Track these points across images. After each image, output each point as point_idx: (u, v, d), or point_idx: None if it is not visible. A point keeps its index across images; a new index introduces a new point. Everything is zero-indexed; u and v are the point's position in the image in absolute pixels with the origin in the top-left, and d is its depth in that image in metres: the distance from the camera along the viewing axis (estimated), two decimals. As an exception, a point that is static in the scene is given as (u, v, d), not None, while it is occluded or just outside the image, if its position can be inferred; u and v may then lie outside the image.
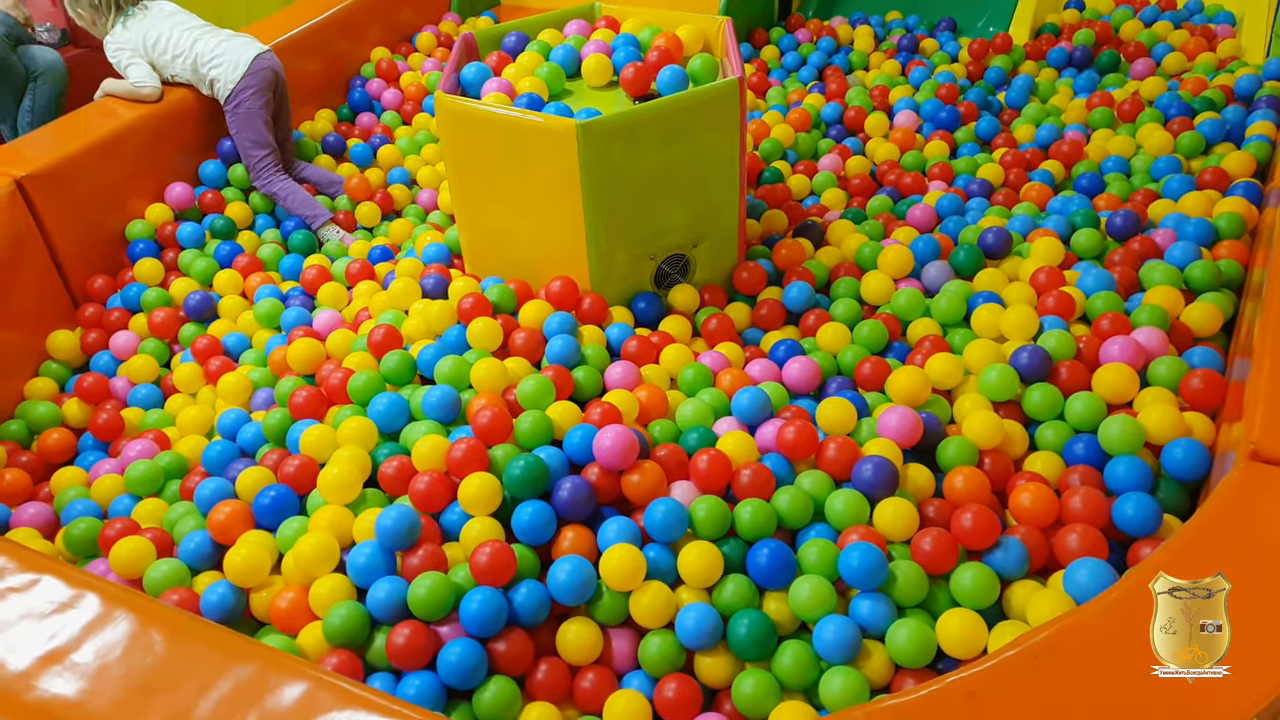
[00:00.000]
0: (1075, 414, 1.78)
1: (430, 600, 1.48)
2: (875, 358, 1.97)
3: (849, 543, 1.54)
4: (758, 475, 1.64)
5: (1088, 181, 2.57)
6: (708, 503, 1.60)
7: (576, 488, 1.62)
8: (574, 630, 1.50)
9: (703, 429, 1.78)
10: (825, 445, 1.71)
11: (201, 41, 2.68)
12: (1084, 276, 2.12)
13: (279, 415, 1.93)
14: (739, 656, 1.48)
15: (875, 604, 1.49)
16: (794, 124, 2.99)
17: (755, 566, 1.53)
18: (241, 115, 2.71)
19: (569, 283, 2.08)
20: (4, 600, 1.34)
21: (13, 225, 2.30)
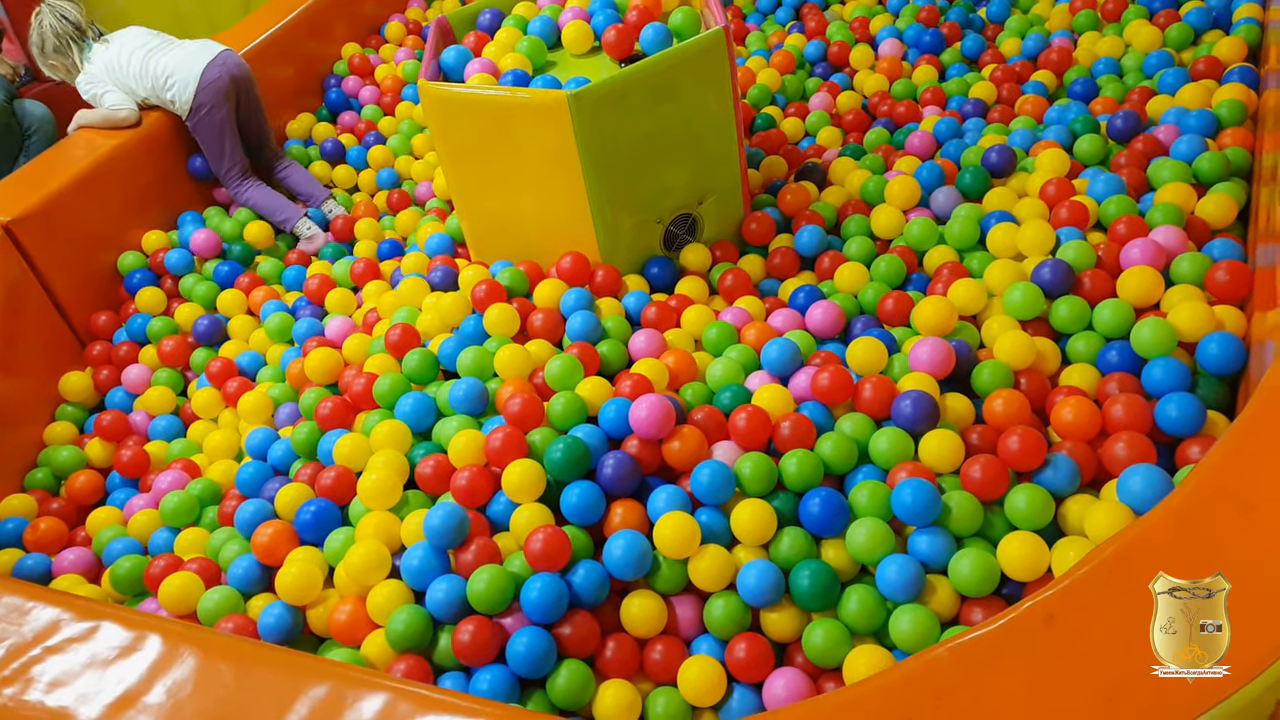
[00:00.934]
0: (1104, 322, 1.76)
1: (490, 594, 1.48)
2: (896, 292, 1.94)
3: (899, 481, 1.52)
4: (798, 426, 1.63)
5: (1081, 87, 2.53)
6: (752, 460, 1.58)
7: (620, 463, 1.60)
8: (637, 604, 1.49)
9: (735, 386, 1.76)
10: (860, 387, 1.69)
11: (155, 60, 2.61)
12: (1093, 183, 2.09)
13: (307, 429, 1.92)
14: (804, 608, 1.47)
15: (933, 538, 1.48)
16: (778, 67, 2.93)
17: (808, 516, 1.52)
18: (202, 131, 2.65)
19: (579, 257, 2.05)
20: (66, 651, 1.33)
21: (6, 271, 2.27)
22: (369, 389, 1.90)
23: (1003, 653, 1.09)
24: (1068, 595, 1.12)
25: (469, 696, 1.25)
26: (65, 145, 2.60)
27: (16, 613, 1.38)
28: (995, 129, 2.45)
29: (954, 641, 1.11)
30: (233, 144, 2.69)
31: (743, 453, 1.63)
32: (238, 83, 2.67)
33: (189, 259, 2.60)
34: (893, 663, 1.36)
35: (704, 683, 1.40)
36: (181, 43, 2.67)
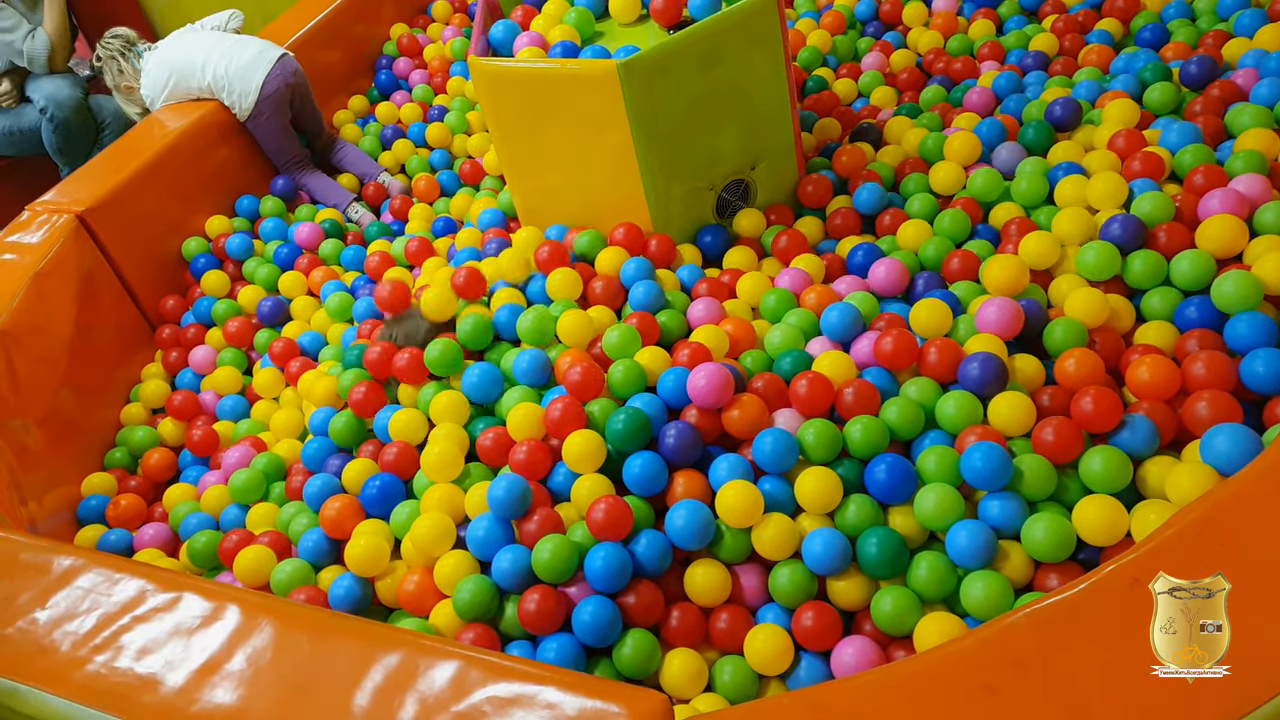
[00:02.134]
0: (1182, 276, 1.70)
1: (554, 563, 1.48)
2: (962, 251, 1.89)
3: (967, 445, 1.49)
4: (861, 392, 1.60)
5: (1150, 34, 2.43)
6: (815, 427, 1.56)
7: (681, 433, 1.60)
8: (701, 573, 1.49)
9: (796, 352, 1.74)
10: (925, 350, 1.66)
11: (213, 64, 2.67)
12: (1166, 133, 2.01)
13: (346, 415, 1.94)
14: (872, 575, 1.46)
15: (1004, 503, 1.45)
16: (829, 28, 2.87)
17: (875, 483, 1.50)
18: (260, 132, 2.76)
19: (632, 228, 2.04)
20: (152, 620, 1.38)
21: (81, 260, 2.33)
22: (415, 362, 1.89)
23: (1085, 619, 1.06)
24: (1153, 559, 1.09)
25: (538, 664, 1.26)
26: (131, 136, 2.66)
27: (106, 583, 1.44)
28: (1058, 82, 2.36)
29: (1033, 606, 1.09)
30: (289, 139, 2.78)
31: (804, 420, 1.61)
32: (294, 89, 2.75)
33: (249, 243, 2.65)
34: (965, 630, 1.33)
35: (771, 651, 1.40)
36: (237, 45, 2.72)
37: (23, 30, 2.96)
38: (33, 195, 2.46)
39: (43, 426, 2.11)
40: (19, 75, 3.07)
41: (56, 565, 1.50)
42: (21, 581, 1.49)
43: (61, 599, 1.44)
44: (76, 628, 1.39)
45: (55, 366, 2.18)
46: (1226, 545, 1.07)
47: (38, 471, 2.05)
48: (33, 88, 3.04)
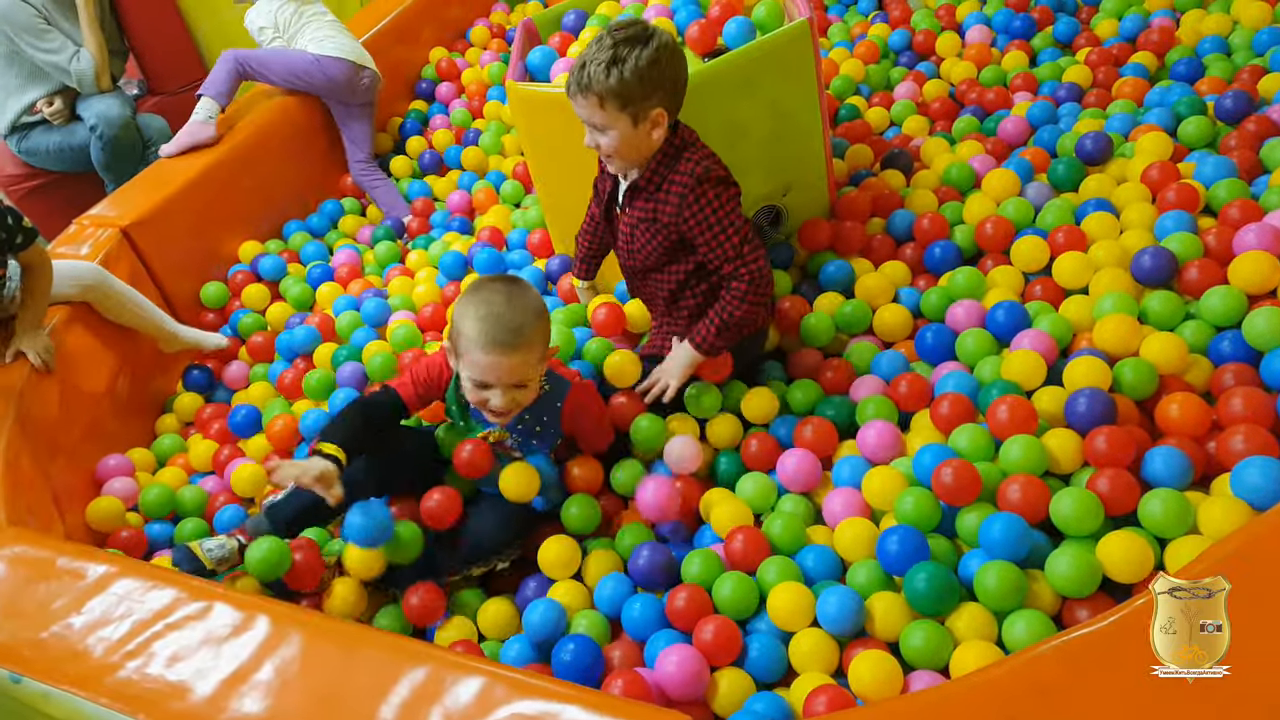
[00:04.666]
0: (1213, 311, 1.69)
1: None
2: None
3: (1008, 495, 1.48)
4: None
5: (1185, 68, 2.43)
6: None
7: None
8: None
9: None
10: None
11: (316, 32, 2.88)
12: (1201, 166, 2.01)
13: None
14: (920, 611, 1.43)
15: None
16: (862, 57, 2.89)
17: (885, 554, 1.49)
18: (365, 116, 2.98)
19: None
20: (184, 628, 1.40)
21: (125, 272, 2.39)
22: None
23: (1113, 651, 1.05)
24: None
25: (562, 682, 1.27)
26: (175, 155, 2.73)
27: (139, 590, 1.46)
28: (1092, 114, 2.37)
29: (1060, 638, 1.08)
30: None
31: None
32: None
33: (281, 263, 2.70)
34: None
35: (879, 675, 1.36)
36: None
37: (68, 52, 3.05)
38: (79, 209, 2.53)
39: (82, 435, 2.15)
40: (70, 95, 3.16)
41: (91, 572, 1.53)
42: (58, 586, 1.52)
43: (96, 605, 1.47)
44: (109, 634, 1.42)
45: (96, 377, 2.23)
46: (1262, 579, 1.06)
47: (74, 479, 2.09)
48: (84, 106, 3.13)
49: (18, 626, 1.46)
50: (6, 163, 3.27)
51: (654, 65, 1.56)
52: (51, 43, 3.04)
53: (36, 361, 2.06)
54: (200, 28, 3.52)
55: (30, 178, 3.25)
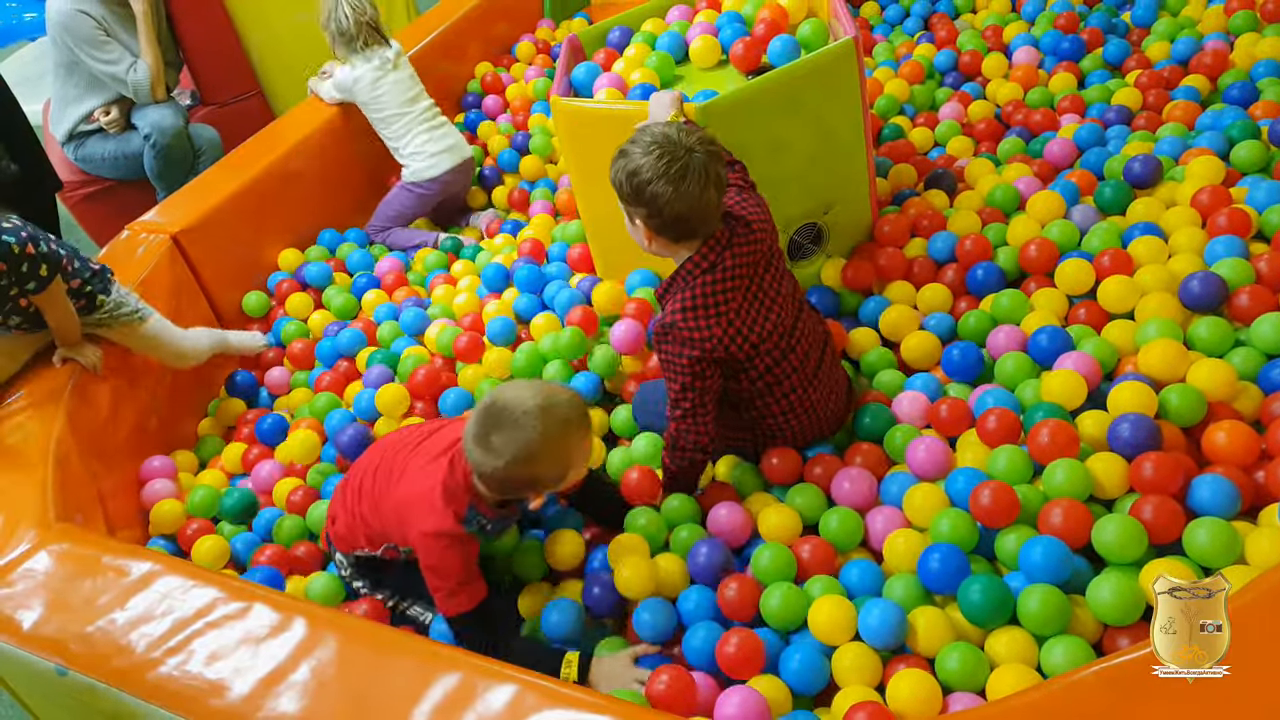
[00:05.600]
0: (1263, 338, 1.66)
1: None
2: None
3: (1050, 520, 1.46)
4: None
5: (1239, 91, 2.39)
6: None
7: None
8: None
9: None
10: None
11: (408, 134, 2.82)
12: (1253, 191, 1.98)
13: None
14: (975, 623, 1.43)
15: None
16: (907, 77, 2.88)
17: (926, 571, 1.49)
18: (398, 201, 2.89)
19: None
20: (223, 627, 1.43)
21: (174, 278, 2.45)
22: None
23: (1156, 679, 1.03)
24: (1232, 624, 1.05)
25: (594, 693, 1.27)
26: (226, 164, 2.79)
27: (181, 589, 1.50)
28: (1141, 136, 2.34)
29: (1103, 664, 1.07)
30: (405, 220, 2.92)
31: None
32: (461, 183, 2.96)
33: (327, 271, 2.74)
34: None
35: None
36: (440, 128, 2.86)
37: (126, 63, 3.13)
38: (131, 215, 2.59)
39: (128, 436, 2.20)
40: (125, 104, 3.25)
41: (136, 569, 1.56)
42: (102, 583, 1.55)
43: (139, 601, 1.50)
44: (152, 630, 1.45)
45: (144, 379, 2.28)
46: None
47: (120, 479, 2.14)
48: (138, 116, 3.21)
49: (64, 620, 1.50)
50: (63, 169, 3.36)
51: (634, 176, 1.54)
52: (110, 54, 3.13)
53: (87, 363, 2.11)
54: (253, 41, 3.59)
55: (85, 184, 3.34)
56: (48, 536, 1.66)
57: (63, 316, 2.06)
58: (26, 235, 1.93)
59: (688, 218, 1.55)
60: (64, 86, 3.22)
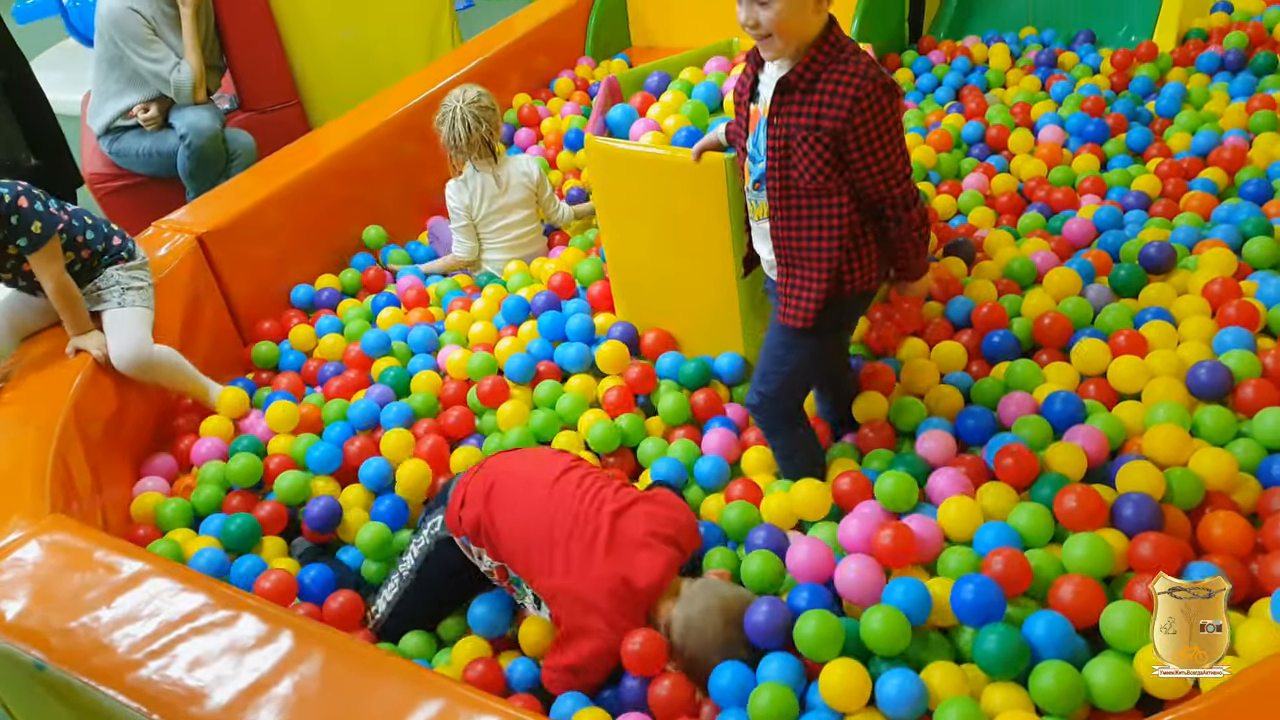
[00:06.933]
0: (1265, 432, 1.67)
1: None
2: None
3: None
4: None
5: (1255, 188, 2.42)
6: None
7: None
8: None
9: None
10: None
11: (489, 244, 2.80)
12: (1263, 286, 2.00)
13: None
14: (989, 673, 1.42)
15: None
16: (934, 145, 2.92)
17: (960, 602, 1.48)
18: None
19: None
20: (209, 634, 1.42)
21: (195, 277, 2.48)
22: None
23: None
24: (1218, 713, 1.05)
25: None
26: (258, 170, 2.83)
27: (170, 592, 1.49)
28: (1158, 223, 2.36)
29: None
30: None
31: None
32: None
33: (337, 295, 2.79)
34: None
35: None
36: (519, 248, 2.81)
37: (170, 63, 3.20)
38: (159, 213, 2.63)
39: (132, 433, 2.21)
40: (165, 103, 3.31)
41: (126, 567, 1.56)
42: (92, 578, 1.55)
43: (126, 601, 1.50)
44: (136, 631, 1.44)
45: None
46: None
47: (120, 475, 2.14)
48: (176, 115, 3.27)
49: (49, 613, 1.49)
50: (96, 161, 3.41)
51: None
52: (156, 53, 3.19)
53: (98, 354, 2.13)
54: (297, 53, 3.66)
55: (116, 178, 3.39)
56: (41, 527, 1.66)
57: (57, 288, 2.08)
58: (21, 190, 1.97)
59: None
60: (105, 81, 3.28)
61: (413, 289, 2.72)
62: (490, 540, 1.64)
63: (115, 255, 2.23)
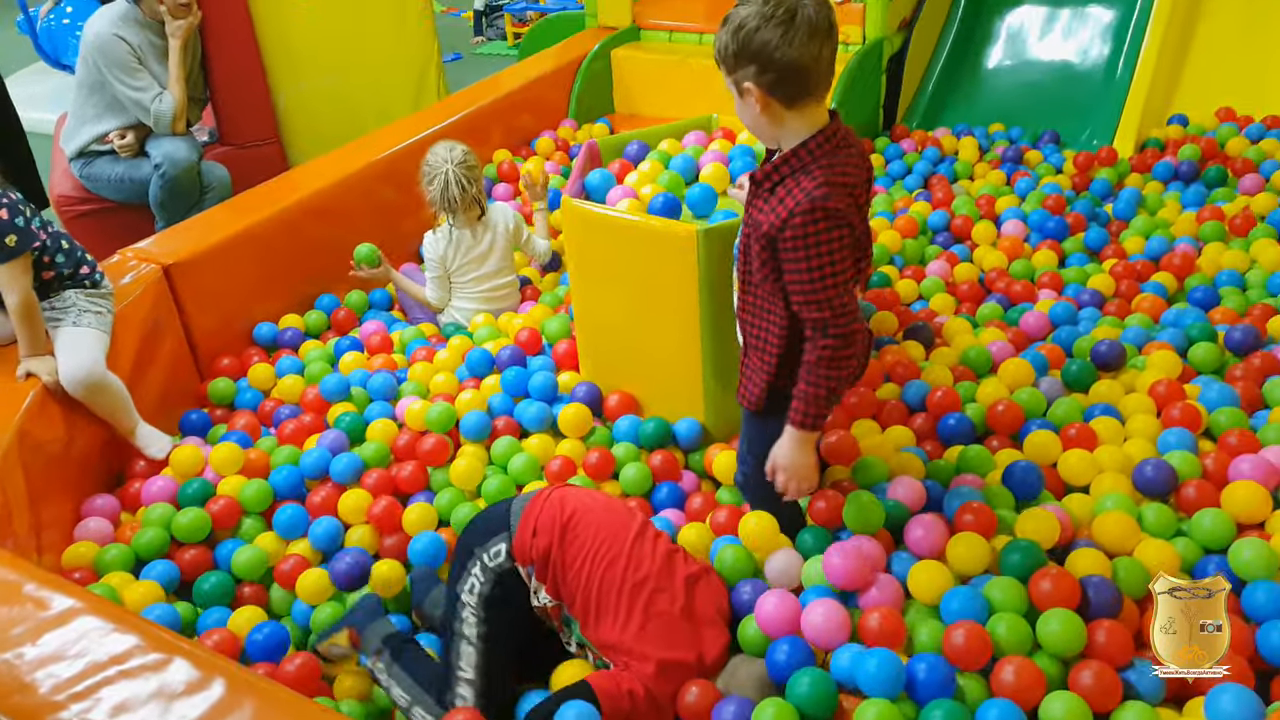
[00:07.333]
0: (1203, 532, 1.71)
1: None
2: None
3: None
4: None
5: (1202, 295, 2.51)
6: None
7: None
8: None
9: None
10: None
11: (462, 294, 2.82)
12: (1206, 390, 2.07)
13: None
14: None
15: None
16: (901, 230, 3.00)
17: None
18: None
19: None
20: (137, 678, 1.37)
21: (156, 306, 2.46)
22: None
23: None
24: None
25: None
26: (232, 205, 2.83)
27: (100, 631, 1.44)
28: (1110, 322, 2.44)
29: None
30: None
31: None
32: None
33: (303, 335, 2.78)
34: None
35: None
36: (493, 301, 2.82)
37: (153, 92, 3.21)
38: (124, 240, 2.61)
39: (77, 466, 2.16)
40: (143, 131, 3.31)
41: (57, 604, 1.50)
42: (19, 612, 1.48)
43: (53, 639, 1.43)
44: (60, 670, 1.38)
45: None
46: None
47: (61, 509, 2.09)
48: (153, 144, 3.26)
49: (-30, 647, 1.43)
50: (67, 184, 3.39)
51: (739, 31, 1.45)
52: (139, 81, 3.20)
53: (48, 380, 2.09)
54: (282, 93, 3.69)
55: (84, 201, 3.36)
56: (-29, 556, 1.60)
57: (21, 303, 2.05)
58: (5, 202, 1.97)
59: (800, 68, 1.44)
60: (84, 105, 3.28)
61: (377, 334, 2.71)
62: (556, 574, 1.59)
63: (79, 282, 2.21)
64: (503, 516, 1.66)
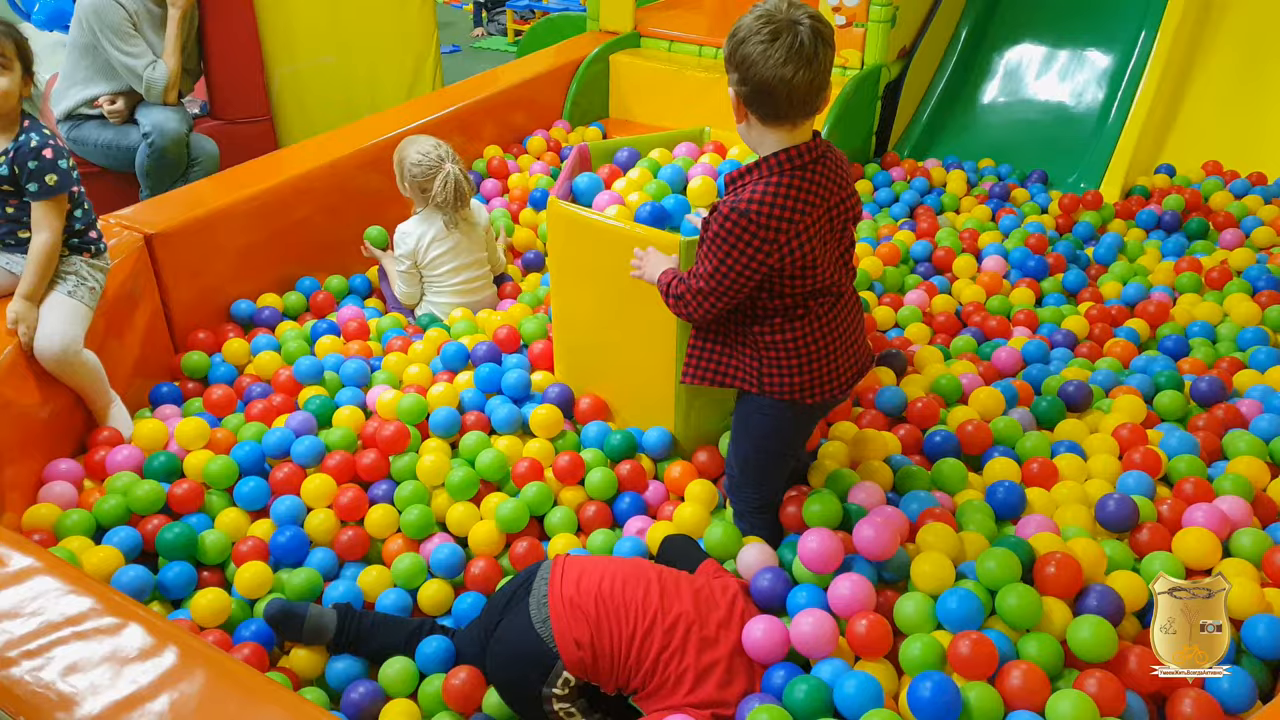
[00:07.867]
0: (1152, 573, 1.73)
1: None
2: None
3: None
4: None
5: (1173, 344, 2.56)
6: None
7: None
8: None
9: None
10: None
11: (436, 288, 2.78)
12: (1168, 437, 2.11)
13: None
14: None
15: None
16: (883, 257, 3.04)
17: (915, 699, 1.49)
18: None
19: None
20: (90, 640, 1.38)
21: (136, 276, 2.44)
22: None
23: None
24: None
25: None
26: (219, 179, 2.82)
27: (57, 591, 1.44)
28: (1080, 363, 2.49)
29: None
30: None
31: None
32: None
33: (281, 315, 2.77)
34: None
35: None
36: (469, 292, 2.79)
37: (146, 60, 3.19)
38: (108, 207, 2.59)
39: (44, 428, 2.14)
40: (133, 98, 3.29)
41: (14, 562, 1.50)
42: (-25, 569, 1.49)
43: (8, 595, 1.44)
44: (13, 628, 1.38)
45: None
46: None
47: (28, 471, 2.07)
48: (143, 112, 3.25)
49: (-77, 600, 1.43)
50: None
51: (734, 35, 1.49)
52: (133, 48, 3.18)
53: (24, 339, 2.08)
54: (276, 72, 3.69)
55: (71, 165, 3.34)
56: (-70, 510, 1.60)
57: (49, 244, 2.09)
58: (53, 143, 2.06)
59: (769, 89, 1.46)
60: (75, 67, 3.26)
61: (354, 320, 2.70)
62: (604, 671, 1.57)
63: (84, 246, 2.21)
64: (535, 642, 1.57)
